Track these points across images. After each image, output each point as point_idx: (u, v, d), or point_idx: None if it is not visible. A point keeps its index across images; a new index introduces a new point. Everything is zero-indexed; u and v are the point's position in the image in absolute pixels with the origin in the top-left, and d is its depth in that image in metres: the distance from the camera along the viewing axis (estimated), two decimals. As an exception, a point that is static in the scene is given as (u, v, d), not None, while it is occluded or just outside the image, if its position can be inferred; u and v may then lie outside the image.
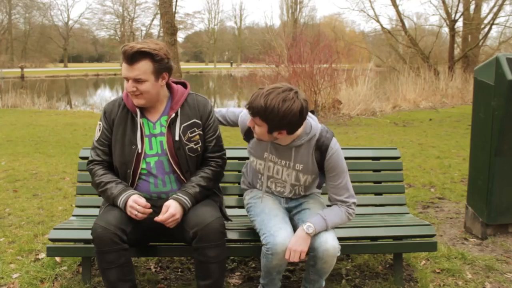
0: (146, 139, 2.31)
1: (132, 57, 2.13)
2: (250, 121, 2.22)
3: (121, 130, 2.31)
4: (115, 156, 2.33)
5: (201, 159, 2.40)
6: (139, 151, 2.28)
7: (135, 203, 2.16)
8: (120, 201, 2.21)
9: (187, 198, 2.24)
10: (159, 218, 2.17)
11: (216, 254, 2.19)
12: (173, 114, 2.30)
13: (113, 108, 2.35)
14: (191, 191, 2.27)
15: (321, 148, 2.27)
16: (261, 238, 2.26)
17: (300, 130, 2.24)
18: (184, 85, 2.42)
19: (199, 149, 2.35)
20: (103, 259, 2.16)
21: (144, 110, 2.32)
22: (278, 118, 2.07)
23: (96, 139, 2.37)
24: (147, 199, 2.26)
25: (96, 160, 2.37)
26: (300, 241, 2.17)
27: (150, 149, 2.31)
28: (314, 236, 2.21)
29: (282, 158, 2.34)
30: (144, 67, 2.16)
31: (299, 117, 2.10)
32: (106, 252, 2.14)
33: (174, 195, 2.25)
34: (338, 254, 2.23)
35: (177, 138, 2.29)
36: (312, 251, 2.23)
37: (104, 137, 2.34)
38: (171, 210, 2.18)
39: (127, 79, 2.19)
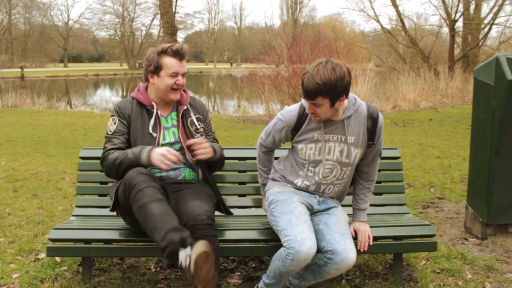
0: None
1: (183, 55, 2.52)
2: (309, 108, 2.28)
3: (139, 122, 2.53)
4: (135, 145, 2.49)
5: None
6: (158, 140, 2.52)
7: (168, 152, 2.33)
8: (144, 152, 2.35)
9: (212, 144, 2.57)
10: (191, 141, 2.50)
11: None
12: (185, 107, 2.62)
13: (126, 105, 2.57)
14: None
15: (373, 116, 2.41)
16: (283, 239, 2.20)
17: (346, 102, 2.35)
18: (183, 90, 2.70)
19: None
20: (141, 196, 2.17)
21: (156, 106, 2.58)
22: (336, 85, 2.16)
23: (111, 132, 2.52)
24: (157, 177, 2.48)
25: (112, 148, 2.48)
26: (364, 226, 2.52)
27: (163, 140, 2.55)
28: (339, 238, 2.26)
29: (335, 133, 2.39)
30: (185, 66, 2.57)
31: (350, 76, 2.23)
32: (143, 189, 2.19)
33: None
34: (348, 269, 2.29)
35: (190, 127, 2.60)
36: (331, 253, 2.21)
37: (121, 127, 2.52)
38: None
39: (177, 74, 2.50)
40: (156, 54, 2.49)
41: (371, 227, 2.63)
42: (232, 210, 2.82)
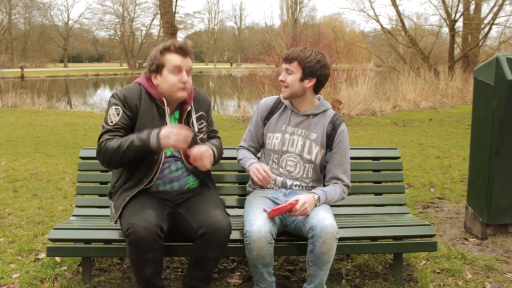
0: None
1: (188, 51, 2.36)
2: (282, 75, 2.51)
3: (148, 116, 2.33)
4: None
5: None
6: None
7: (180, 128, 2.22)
8: (153, 135, 2.19)
9: (211, 146, 2.46)
10: (194, 151, 2.31)
11: (217, 255, 2.29)
12: (189, 107, 2.46)
13: (133, 94, 2.34)
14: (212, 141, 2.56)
15: (334, 123, 2.58)
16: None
17: (317, 101, 2.61)
18: None
19: (205, 139, 2.55)
20: (140, 257, 2.17)
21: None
22: (314, 63, 2.44)
23: (112, 123, 2.29)
24: (161, 192, 2.42)
25: (109, 139, 2.27)
26: (309, 202, 2.34)
27: None
28: (312, 214, 2.32)
29: (299, 127, 2.58)
30: (191, 62, 2.42)
31: (327, 71, 2.50)
32: (145, 251, 2.15)
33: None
34: (337, 236, 2.27)
35: (193, 126, 2.47)
36: (311, 230, 2.28)
37: (124, 120, 2.31)
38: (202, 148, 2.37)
39: (180, 70, 2.32)
40: (159, 52, 2.32)
41: (371, 227, 2.64)
42: (232, 210, 2.82)
